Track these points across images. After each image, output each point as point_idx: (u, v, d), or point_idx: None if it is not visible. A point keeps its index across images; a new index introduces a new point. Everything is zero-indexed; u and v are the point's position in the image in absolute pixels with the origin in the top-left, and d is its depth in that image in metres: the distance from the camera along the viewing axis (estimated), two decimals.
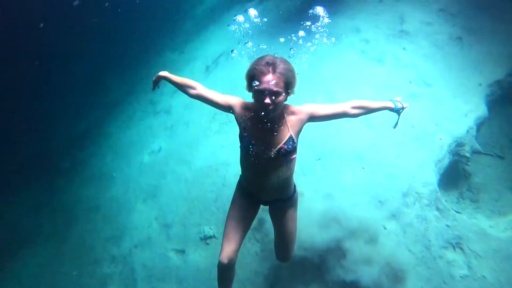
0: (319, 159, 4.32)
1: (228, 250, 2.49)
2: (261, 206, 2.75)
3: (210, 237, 4.46)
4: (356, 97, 4.41)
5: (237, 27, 3.07)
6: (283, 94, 2.20)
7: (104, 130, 6.60)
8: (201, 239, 4.50)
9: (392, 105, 2.77)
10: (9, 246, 5.25)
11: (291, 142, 2.36)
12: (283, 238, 2.75)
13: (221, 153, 5.05)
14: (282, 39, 3.18)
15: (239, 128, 2.45)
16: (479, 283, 3.26)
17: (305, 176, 4.26)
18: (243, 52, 3.24)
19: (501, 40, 4.18)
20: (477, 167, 4.03)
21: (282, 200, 2.63)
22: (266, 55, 2.28)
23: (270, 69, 2.15)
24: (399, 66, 4.57)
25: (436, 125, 3.99)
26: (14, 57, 7.78)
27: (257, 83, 2.16)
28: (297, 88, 2.34)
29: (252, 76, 2.20)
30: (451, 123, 3.93)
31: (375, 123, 4.28)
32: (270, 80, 2.13)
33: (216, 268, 2.58)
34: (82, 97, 7.54)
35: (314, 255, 3.70)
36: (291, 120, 2.41)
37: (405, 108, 2.79)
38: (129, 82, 7.51)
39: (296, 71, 2.29)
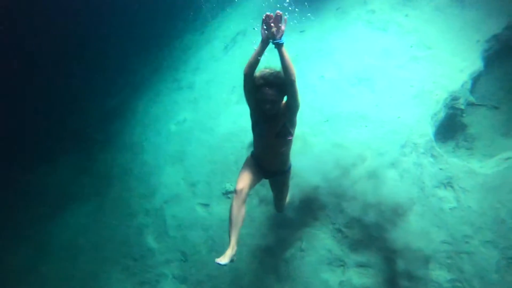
0: (327, 120, 4.80)
1: (241, 184, 3.12)
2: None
3: (231, 192, 5.05)
4: (360, 65, 4.90)
5: None
6: (279, 100, 2.99)
7: (132, 105, 7.27)
8: (223, 194, 5.09)
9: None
10: (58, 202, 6.06)
11: (284, 128, 3.14)
12: (279, 199, 3.85)
13: (240, 121, 5.59)
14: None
15: (251, 119, 3.24)
16: (465, 212, 3.71)
17: (315, 136, 4.76)
18: (255, 28, 3.55)
19: None
20: (473, 119, 4.40)
21: (280, 172, 3.48)
22: (264, 69, 2.96)
23: (267, 88, 2.91)
24: (401, 33, 4.95)
25: (434, 83, 4.39)
26: (49, 42, 8.53)
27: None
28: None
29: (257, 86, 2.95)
30: (447, 80, 4.31)
31: (378, 86, 4.71)
32: (269, 93, 2.92)
33: None
34: (111, 78, 8.24)
35: (321, 197, 4.23)
36: (283, 114, 3.10)
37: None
38: (153, 62, 8.14)
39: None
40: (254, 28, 6.30)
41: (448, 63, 4.39)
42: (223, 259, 2.79)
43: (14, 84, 8.06)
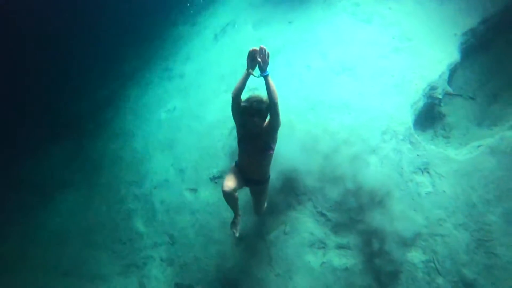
0: (312, 108, 4.95)
1: (227, 183, 3.40)
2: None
3: (218, 177, 5.18)
4: (345, 55, 5.06)
5: None
6: (263, 123, 3.37)
7: (124, 95, 7.35)
8: (211, 179, 5.23)
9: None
10: (47, 189, 6.14)
11: (267, 144, 3.47)
12: (258, 205, 4.12)
13: (228, 109, 5.51)
14: None
15: (237, 135, 3.56)
16: (440, 197, 3.90)
17: (300, 123, 4.90)
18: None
19: None
20: (451, 109, 4.59)
21: (261, 181, 3.76)
22: (251, 96, 3.29)
23: (254, 116, 3.29)
24: (384, 25, 5.11)
25: (414, 73, 4.56)
26: (38, 34, 8.55)
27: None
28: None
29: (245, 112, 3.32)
30: (426, 70, 4.48)
31: (361, 75, 4.87)
32: (255, 120, 3.31)
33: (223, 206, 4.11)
34: (103, 68, 8.30)
35: (305, 181, 4.39)
36: (266, 131, 3.44)
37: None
38: (145, 53, 8.21)
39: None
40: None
41: (428, 55, 4.55)
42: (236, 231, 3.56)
43: (3, 72, 8.07)
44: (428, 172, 4.09)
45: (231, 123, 5.43)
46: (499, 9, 4.45)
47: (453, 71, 4.55)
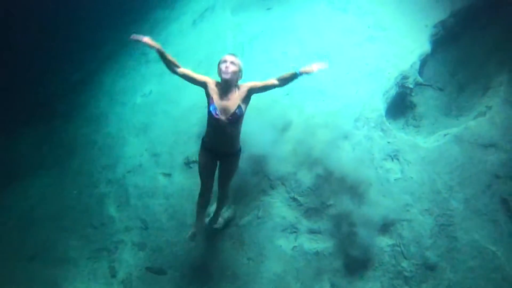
0: (287, 94, 4.98)
1: (203, 189, 3.76)
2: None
3: (193, 161, 5.15)
4: (321, 43, 5.11)
5: None
6: (237, 67, 3.42)
7: (99, 78, 7.17)
8: (185, 164, 5.19)
9: (295, 71, 3.54)
10: (17, 172, 5.95)
11: (239, 109, 3.42)
12: (222, 185, 3.92)
13: (204, 93, 5.67)
14: None
15: (207, 99, 3.50)
16: (407, 183, 4.04)
17: (274, 109, 4.93)
18: None
19: None
20: (421, 99, 4.71)
21: (231, 154, 3.66)
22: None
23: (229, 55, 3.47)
24: (360, 14, 5.17)
25: (387, 62, 4.65)
26: (14, 13, 8.22)
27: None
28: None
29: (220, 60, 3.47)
30: (398, 59, 4.58)
31: (336, 63, 4.91)
32: (229, 57, 3.44)
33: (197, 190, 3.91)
34: (78, 51, 8.06)
35: (278, 167, 4.44)
36: (239, 93, 3.46)
37: (304, 71, 3.52)
38: (122, 37, 7.96)
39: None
40: None
41: (400, 44, 4.65)
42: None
43: None
44: (397, 159, 4.20)
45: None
46: (467, 4, 4.59)
47: (424, 62, 4.66)
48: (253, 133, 4.72)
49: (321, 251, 4.26)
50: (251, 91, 3.48)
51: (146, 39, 3.56)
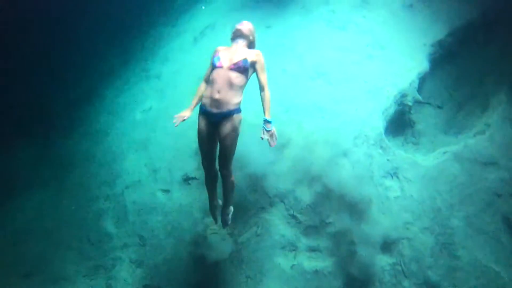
0: (287, 111, 5.00)
1: (204, 157, 3.60)
2: None
3: (192, 178, 5.14)
4: (320, 60, 5.16)
5: None
6: (252, 29, 3.73)
7: (99, 93, 7.21)
8: (184, 180, 5.18)
9: (267, 117, 3.55)
10: (14, 186, 5.91)
11: (245, 61, 3.42)
12: (224, 153, 3.49)
13: None
14: None
15: (213, 57, 3.55)
16: (407, 200, 4.01)
17: (274, 126, 4.92)
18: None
19: (445, 7, 4.85)
20: (420, 117, 4.73)
21: (228, 113, 3.36)
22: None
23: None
24: (359, 32, 5.24)
25: (385, 80, 4.68)
26: (15, 27, 8.31)
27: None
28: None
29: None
30: (397, 77, 4.62)
31: (335, 80, 4.96)
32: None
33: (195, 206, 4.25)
34: (79, 66, 8.12)
35: (277, 183, 4.41)
36: (248, 52, 3.56)
37: (267, 129, 3.51)
38: (123, 53, 8.10)
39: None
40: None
41: (399, 63, 4.70)
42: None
43: None
44: (397, 177, 4.19)
45: None
46: (464, 24, 4.67)
47: (422, 80, 4.70)
48: (251, 150, 4.72)
49: (320, 269, 4.21)
50: (254, 63, 3.53)
51: (187, 113, 3.64)
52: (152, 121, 6.09)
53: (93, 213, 5.30)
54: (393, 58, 4.77)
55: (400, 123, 4.71)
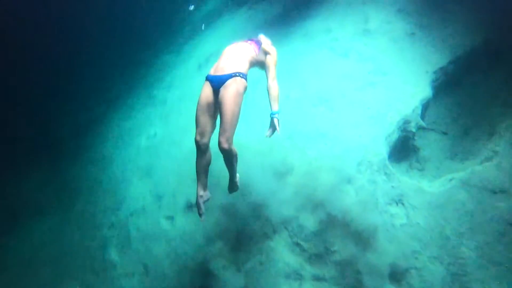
0: (289, 137, 5.01)
1: (198, 131, 3.28)
2: None
3: (195, 204, 5.11)
4: (323, 87, 5.20)
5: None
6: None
7: (106, 120, 7.34)
8: (188, 207, 5.17)
9: (273, 110, 3.57)
10: (21, 215, 5.95)
11: (258, 41, 3.81)
12: (225, 118, 3.11)
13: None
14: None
15: None
16: (414, 228, 3.92)
17: (278, 152, 4.96)
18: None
19: (446, 35, 4.89)
20: (425, 142, 4.69)
21: (234, 75, 3.24)
22: None
23: None
24: (361, 60, 5.29)
25: (388, 106, 4.68)
26: (25, 57, 8.58)
27: None
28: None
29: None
30: (400, 104, 4.62)
31: (338, 107, 4.98)
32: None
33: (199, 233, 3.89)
34: (87, 93, 8.32)
35: (281, 210, 4.38)
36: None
37: (275, 121, 3.52)
38: (129, 80, 8.29)
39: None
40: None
41: (401, 89, 4.71)
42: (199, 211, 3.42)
43: None
44: (402, 204, 4.12)
45: (212, 151, 5.45)
46: (466, 51, 4.69)
47: (425, 106, 4.69)
48: (255, 177, 4.72)
49: None
50: (267, 53, 3.73)
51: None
52: (156, 147, 6.15)
53: (97, 241, 5.29)
54: (396, 84, 4.79)
55: (404, 149, 4.68)
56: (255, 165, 4.83)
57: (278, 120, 3.49)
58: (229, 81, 3.20)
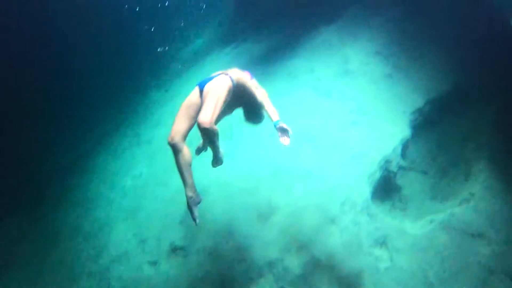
0: (275, 176, 5.02)
1: (173, 129, 3.20)
2: None
3: (180, 248, 5.02)
4: (307, 125, 5.28)
5: None
6: None
7: (92, 159, 7.27)
8: (172, 250, 5.05)
9: (275, 120, 3.61)
10: None
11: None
12: (207, 100, 3.09)
13: (194, 176, 5.70)
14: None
15: None
16: (398, 273, 3.87)
17: (262, 190, 4.95)
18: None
19: (422, 77, 5.08)
20: (406, 181, 4.74)
21: (221, 74, 3.34)
22: None
23: None
24: (343, 99, 5.42)
25: (370, 146, 4.76)
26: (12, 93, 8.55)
27: None
28: None
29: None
30: (381, 143, 4.70)
31: (321, 145, 5.04)
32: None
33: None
34: (73, 131, 8.27)
35: (266, 252, 4.31)
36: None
37: (282, 126, 3.56)
38: (116, 117, 8.31)
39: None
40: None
41: (382, 129, 4.81)
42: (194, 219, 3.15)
43: None
44: (386, 246, 4.09)
45: (197, 189, 5.40)
46: (439, 93, 4.86)
47: (405, 145, 4.78)
48: (239, 217, 4.68)
49: None
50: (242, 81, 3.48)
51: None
52: (142, 188, 6.08)
53: None
54: (376, 124, 4.89)
55: (386, 188, 4.71)
56: (239, 204, 4.79)
57: (284, 123, 3.53)
58: (216, 78, 3.30)
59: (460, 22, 5.22)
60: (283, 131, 3.57)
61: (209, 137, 3.16)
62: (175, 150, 3.18)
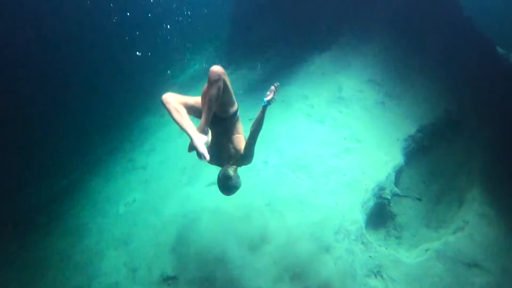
0: (268, 204, 4.98)
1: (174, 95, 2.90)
2: None
3: (172, 277, 4.90)
4: (300, 152, 5.28)
5: None
6: None
7: (84, 185, 7.18)
8: (164, 280, 4.93)
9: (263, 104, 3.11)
10: None
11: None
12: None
13: (187, 203, 5.67)
14: None
15: None
16: None
17: (256, 219, 4.90)
18: None
19: (414, 104, 5.16)
20: (400, 209, 4.72)
21: (223, 118, 3.12)
22: None
23: None
24: (336, 126, 5.46)
25: (363, 173, 4.76)
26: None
27: None
28: None
29: None
30: (374, 171, 4.70)
31: (315, 173, 5.03)
32: None
33: None
34: (66, 156, 8.20)
35: (257, 282, 4.20)
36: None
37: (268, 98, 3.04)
38: (111, 142, 8.28)
39: None
40: None
41: (375, 156, 4.83)
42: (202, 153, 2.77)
43: None
44: (381, 276, 4.03)
45: (191, 218, 5.35)
46: (431, 121, 4.92)
47: (398, 173, 4.79)
48: (231, 246, 4.60)
49: None
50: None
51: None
52: (134, 215, 5.98)
53: None
54: (369, 151, 4.91)
55: (381, 216, 4.68)
56: (231, 232, 4.73)
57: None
58: (226, 125, 3.20)
59: (451, 50, 5.36)
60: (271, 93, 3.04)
61: (213, 90, 2.80)
62: (168, 105, 2.87)
